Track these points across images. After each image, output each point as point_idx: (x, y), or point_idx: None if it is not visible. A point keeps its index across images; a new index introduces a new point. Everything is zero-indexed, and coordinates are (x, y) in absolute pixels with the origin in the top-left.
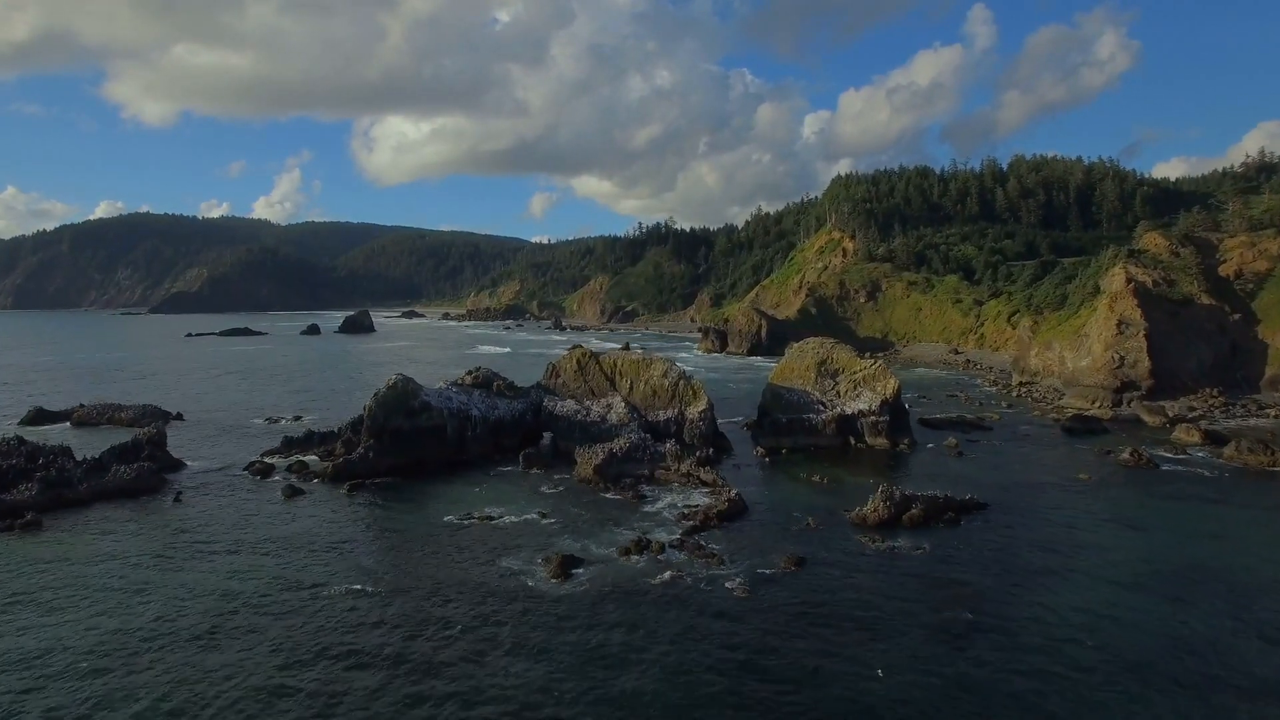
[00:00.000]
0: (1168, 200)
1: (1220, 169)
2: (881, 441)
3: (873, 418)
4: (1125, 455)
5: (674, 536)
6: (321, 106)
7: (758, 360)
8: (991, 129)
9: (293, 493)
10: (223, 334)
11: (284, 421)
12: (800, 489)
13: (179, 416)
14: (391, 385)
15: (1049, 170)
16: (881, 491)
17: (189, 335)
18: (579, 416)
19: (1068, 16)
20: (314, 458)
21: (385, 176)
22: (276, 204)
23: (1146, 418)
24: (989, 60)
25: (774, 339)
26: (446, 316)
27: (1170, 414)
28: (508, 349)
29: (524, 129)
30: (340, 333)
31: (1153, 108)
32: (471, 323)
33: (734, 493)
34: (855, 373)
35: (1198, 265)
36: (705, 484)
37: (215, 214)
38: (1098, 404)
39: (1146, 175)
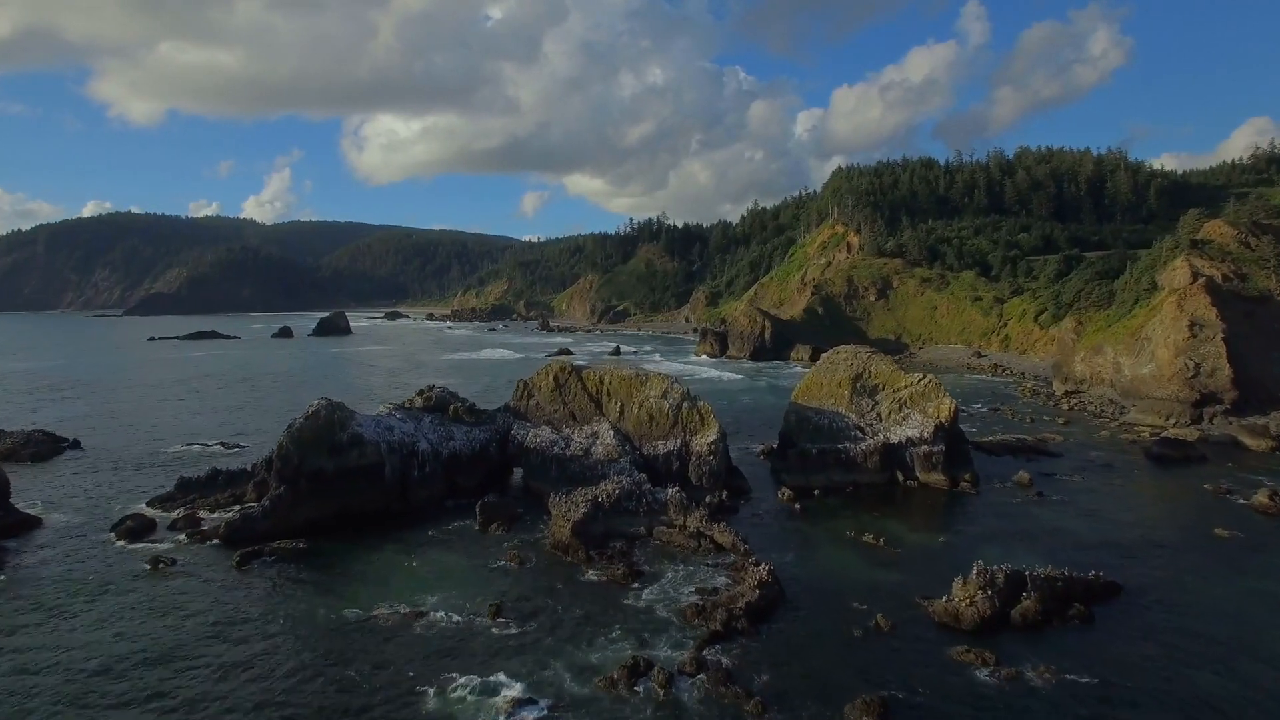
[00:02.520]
0: (1180, 193)
1: (1229, 161)
2: (937, 478)
3: (925, 448)
4: (1263, 499)
5: (684, 654)
6: (311, 105)
7: (763, 365)
8: (984, 126)
9: (160, 566)
10: (187, 337)
11: (203, 448)
12: (850, 555)
13: (75, 444)
14: (312, 414)
15: (1058, 162)
16: (978, 573)
17: (151, 339)
18: (556, 449)
19: (1061, 13)
20: (225, 509)
21: (376, 175)
22: (266, 204)
23: (1248, 440)
24: (983, 57)
25: (779, 341)
26: (431, 317)
27: (1274, 434)
28: (505, 353)
29: (516, 127)
30: (314, 335)
31: (1144, 104)
32: (455, 323)
33: (765, 569)
34: (899, 390)
35: (1277, 257)
36: (722, 548)
37: (204, 214)
38: (1173, 420)
39: (1161, 168)
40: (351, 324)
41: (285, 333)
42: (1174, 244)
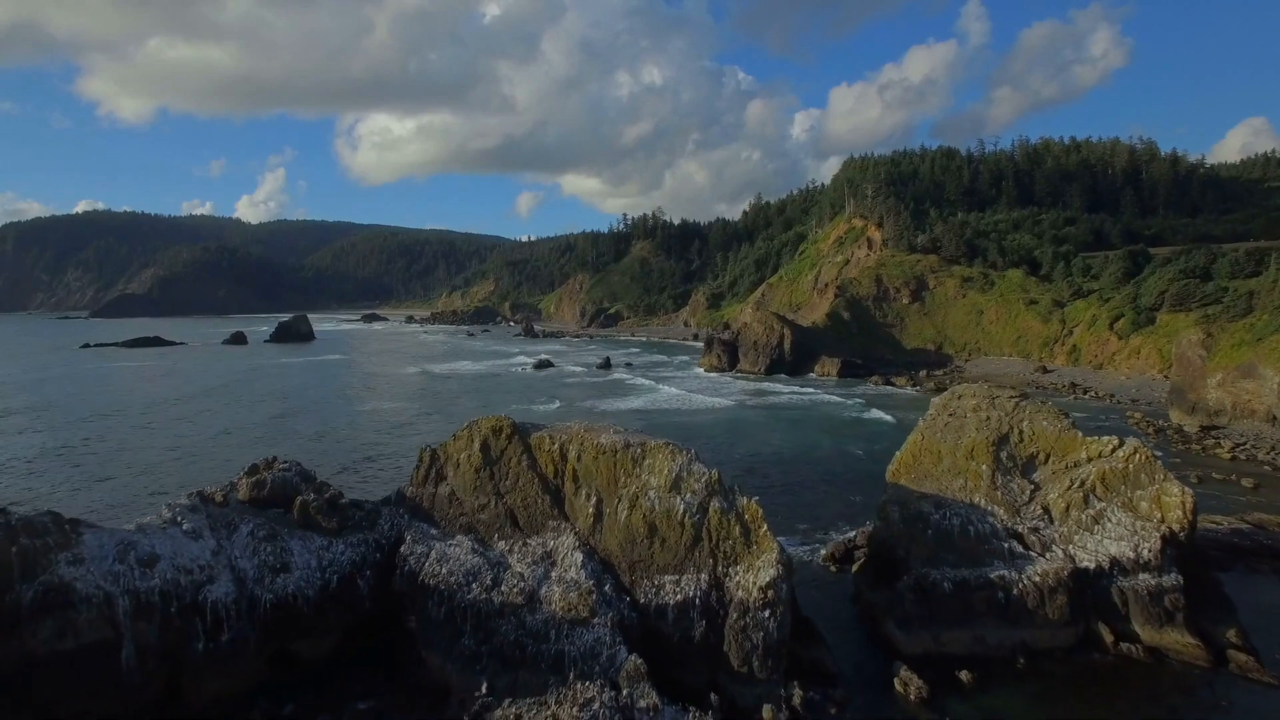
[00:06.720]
0: (1217, 186)
1: (1263, 153)
2: (1179, 640)
3: (1147, 578)
4: None
5: None
6: (304, 103)
7: (784, 382)
8: (982, 126)
9: None
10: (125, 345)
11: None
12: None
13: None
14: None
15: (1087, 152)
16: None
17: (84, 346)
18: (476, 588)
19: (1062, 12)
20: None
21: (370, 175)
22: (260, 204)
23: None
24: (982, 56)
25: (800, 352)
26: (410, 320)
27: None
28: (475, 366)
29: (512, 126)
30: (270, 342)
31: (1140, 105)
32: (434, 327)
33: None
34: (1079, 465)
35: None
36: None
37: (198, 213)
38: None
39: (1202, 159)
40: (321, 327)
41: (238, 339)
42: None
